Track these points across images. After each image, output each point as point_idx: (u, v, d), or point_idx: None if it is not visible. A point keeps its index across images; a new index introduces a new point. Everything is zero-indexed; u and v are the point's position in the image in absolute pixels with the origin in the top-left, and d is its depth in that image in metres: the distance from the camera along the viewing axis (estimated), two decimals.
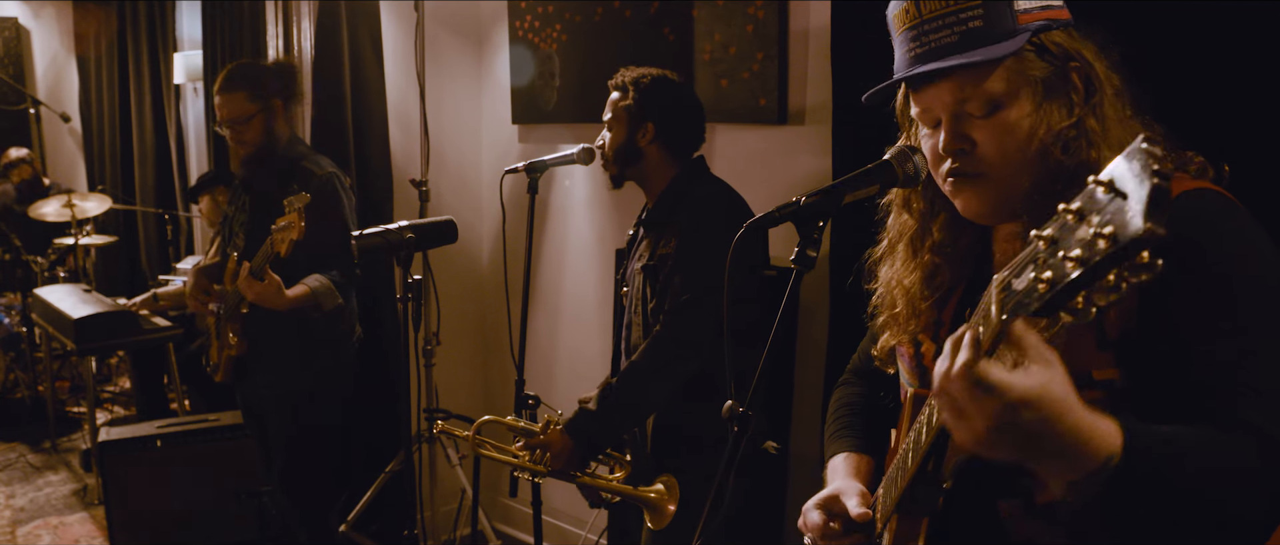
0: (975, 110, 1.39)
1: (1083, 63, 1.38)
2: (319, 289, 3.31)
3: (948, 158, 1.42)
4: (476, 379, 4.86)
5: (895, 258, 1.63)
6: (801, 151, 3.48)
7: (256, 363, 3.56)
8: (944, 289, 1.56)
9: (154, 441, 4.35)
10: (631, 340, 2.93)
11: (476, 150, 4.70)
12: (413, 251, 2.35)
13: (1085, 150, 1.35)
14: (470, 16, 4.57)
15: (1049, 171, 1.36)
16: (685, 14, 3.75)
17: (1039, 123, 1.37)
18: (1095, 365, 1.30)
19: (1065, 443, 1.10)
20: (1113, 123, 1.37)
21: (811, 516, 1.61)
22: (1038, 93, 1.37)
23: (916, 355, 1.60)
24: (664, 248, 2.84)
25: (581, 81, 4.16)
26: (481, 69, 4.66)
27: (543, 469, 2.80)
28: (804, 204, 1.39)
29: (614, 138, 2.92)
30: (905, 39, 1.45)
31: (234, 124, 3.43)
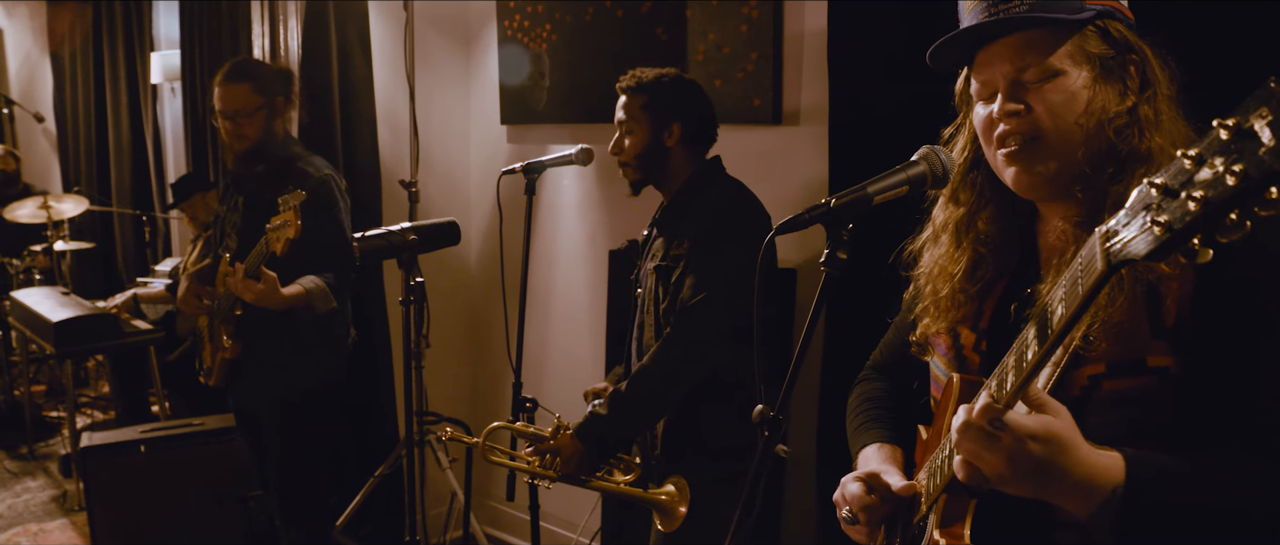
0: (1033, 77, 1.41)
1: (1142, 56, 1.42)
2: (314, 291, 3.27)
3: (1002, 122, 1.44)
4: (465, 381, 4.82)
5: (939, 246, 1.63)
6: (796, 152, 3.47)
7: (251, 366, 3.51)
8: (986, 281, 1.57)
9: (138, 447, 4.27)
10: (644, 341, 2.90)
11: (464, 151, 4.67)
12: (417, 253, 2.32)
13: (1137, 137, 1.37)
14: (458, 16, 4.53)
15: (1100, 153, 1.39)
16: (678, 14, 3.74)
17: (1094, 99, 1.39)
18: (1150, 352, 1.32)
19: (1074, 475, 1.23)
20: (1167, 117, 1.40)
21: (851, 488, 1.62)
22: (1095, 70, 1.40)
23: (955, 345, 1.60)
24: (677, 248, 2.81)
25: (572, 82, 4.14)
26: (469, 69, 4.63)
27: (553, 474, 2.77)
28: (835, 206, 1.37)
29: (637, 141, 2.85)
30: (977, 11, 1.47)
31: (236, 116, 3.39)
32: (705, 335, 2.72)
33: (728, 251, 2.75)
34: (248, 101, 3.38)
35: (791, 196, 3.41)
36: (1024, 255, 1.56)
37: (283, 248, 2.91)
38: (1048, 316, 1.18)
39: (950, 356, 1.61)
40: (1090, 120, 1.39)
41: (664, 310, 2.82)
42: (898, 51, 3.05)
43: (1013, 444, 1.22)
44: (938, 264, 1.62)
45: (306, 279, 3.29)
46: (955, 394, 1.50)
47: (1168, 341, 1.31)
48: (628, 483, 2.83)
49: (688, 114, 2.86)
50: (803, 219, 1.39)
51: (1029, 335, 1.22)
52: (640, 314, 2.95)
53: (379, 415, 4.33)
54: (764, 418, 1.39)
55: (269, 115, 3.43)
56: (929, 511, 1.52)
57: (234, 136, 3.41)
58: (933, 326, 1.63)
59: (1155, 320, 1.32)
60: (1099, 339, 1.33)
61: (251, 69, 3.51)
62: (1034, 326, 1.21)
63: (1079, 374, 1.36)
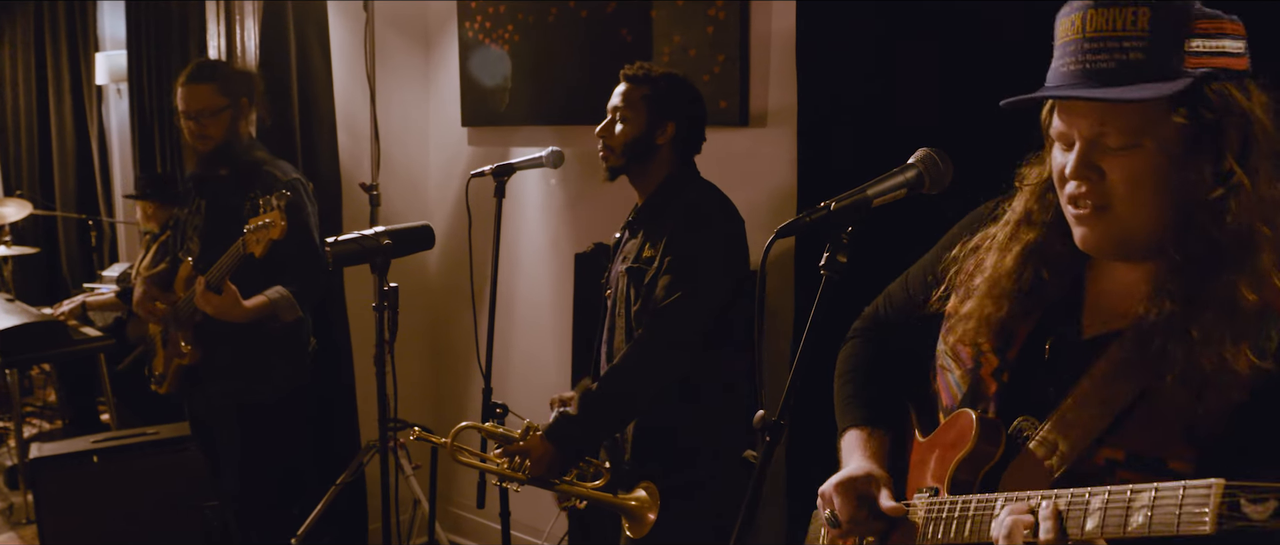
0: (1113, 143, 1.32)
1: (1242, 118, 1.29)
2: (279, 301, 3.21)
3: (1073, 181, 1.37)
4: (427, 387, 4.76)
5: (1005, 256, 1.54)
6: (764, 154, 3.46)
7: (210, 373, 3.43)
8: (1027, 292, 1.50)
9: (90, 457, 4.17)
10: (614, 343, 2.88)
11: (423, 153, 4.61)
12: (390, 258, 2.27)
13: (1237, 219, 1.29)
14: (417, 16, 4.47)
15: (1193, 235, 1.31)
16: (643, 15, 3.71)
17: (1175, 175, 1.30)
18: (1174, 457, 1.29)
19: None
20: (1266, 187, 1.30)
21: (841, 498, 1.61)
22: (1181, 145, 1.29)
23: (975, 362, 1.56)
24: (650, 250, 2.79)
25: (536, 83, 4.10)
26: (429, 70, 4.57)
27: (522, 476, 2.74)
28: (835, 209, 1.36)
29: (629, 129, 2.82)
30: (1065, 51, 1.37)
31: (201, 116, 3.32)
32: (679, 336, 2.71)
33: (703, 254, 2.74)
34: (212, 102, 3.32)
35: (759, 199, 3.40)
36: (1069, 291, 1.50)
37: (263, 249, 2.84)
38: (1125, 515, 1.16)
39: (967, 371, 1.57)
40: (1169, 196, 1.30)
41: (636, 312, 2.80)
42: (868, 52, 3.05)
43: None
44: (998, 281, 1.53)
45: (272, 290, 3.23)
46: (972, 439, 1.47)
47: (1196, 449, 1.27)
48: (597, 487, 2.79)
49: (684, 118, 2.85)
50: (802, 222, 1.36)
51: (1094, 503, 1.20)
52: (610, 317, 2.93)
53: (339, 422, 4.25)
54: (766, 422, 1.37)
55: (234, 116, 3.37)
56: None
57: (197, 137, 3.34)
58: (960, 339, 1.59)
59: (1188, 425, 1.28)
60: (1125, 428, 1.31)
61: (216, 69, 3.46)
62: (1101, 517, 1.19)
63: (1098, 454, 1.35)
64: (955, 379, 1.61)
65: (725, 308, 2.80)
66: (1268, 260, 1.28)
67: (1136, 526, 1.12)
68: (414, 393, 4.67)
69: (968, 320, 1.56)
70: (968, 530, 1.39)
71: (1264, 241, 1.28)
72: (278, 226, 2.83)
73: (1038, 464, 1.38)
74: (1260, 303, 1.26)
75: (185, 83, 3.35)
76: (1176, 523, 1.07)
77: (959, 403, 1.58)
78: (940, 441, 1.57)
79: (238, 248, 2.99)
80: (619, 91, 2.87)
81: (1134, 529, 1.13)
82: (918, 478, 1.62)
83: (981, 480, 1.47)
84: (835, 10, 3.10)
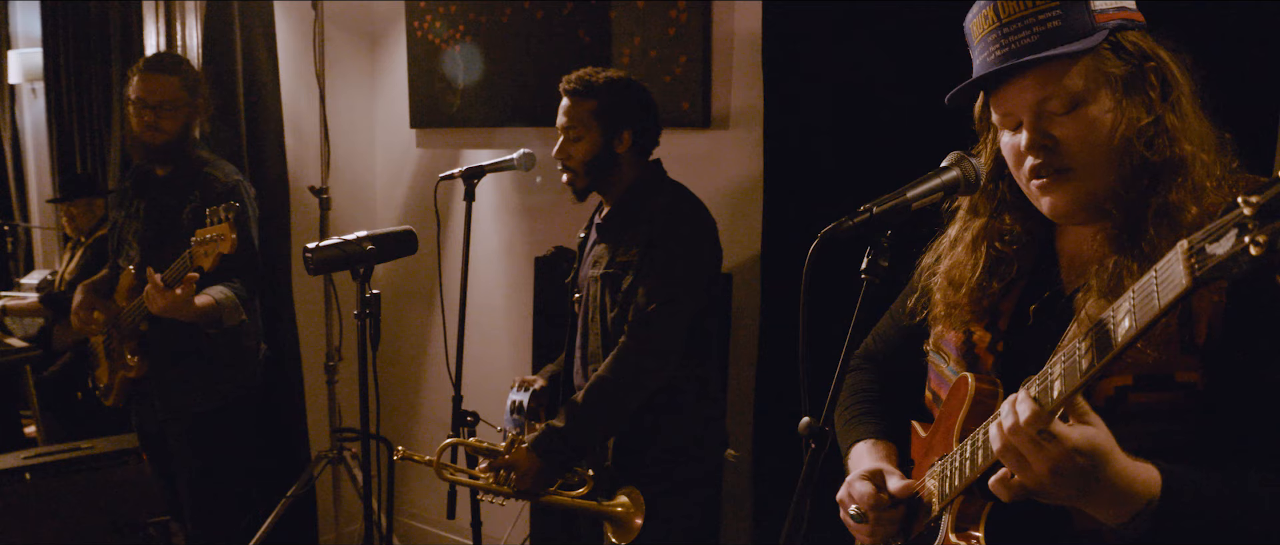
0: (1057, 108, 1.41)
1: (1159, 62, 1.41)
2: (224, 302, 3.10)
3: (1030, 155, 1.43)
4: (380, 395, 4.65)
5: (954, 254, 1.62)
6: (726, 156, 3.46)
7: (156, 383, 3.30)
8: (1005, 281, 1.57)
9: (21, 475, 3.97)
10: (589, 350, 2.84)
11: (370, 155, 4.51)
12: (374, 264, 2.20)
13: (1168, 146, 1.38)
14: (363, 15, 4.37)
15: (1133, 168, 1.39)
16: (602, 15, 3.68)
17: (1120, 119, 1.39)
18: (1179, 367, 1.33)
19: (1114, 486, 1.25)
20: (1192, 119, 1.40)
21: (858, 487, 1.63)
22: (1117, 89, 1.40)
23: (967, 342, 1.59)
24: (624, 255, 2.75)
25: (489, 85, 4.03)
26: (375, 70, 4.47)
27: (509, 490, 2.68)
28: (877, 213, 1.35)
29: (587, 147, 2.75)
30: (985, 45, 1.47)
31: (160, 108, 3.20)
32: (665, 343, 2.69)
33: (681, 259, 2.72)
34: (175, 95, 3.22)
35: (722, 201, 3.39)
36: (1040, 258, 1.57)
37: (213, 262, 2.74)
38: (1109, 329, 1.17)
39: (961, 354, 1.60)
40: (1117, 140, 1.39)
41: (613, 319, 2.76)
42: (835, 52, 3.06)
43: (1059, 454, 1.23)
44: (953, 272, 1.61)
45: (215, 289, 3.12)
46: (970, 396, 1.49)
47: (1197, 357, 1.32)
48: (580, 496, 2.76)
49: (639, 121, 2.79)
50: (842, 227, 1.35)
51: (1081, 346, 1.21)
52: (583, 322, 2.89)
53: (287, 432, 4.14)
54: (811, 429, 1.35)
55: (190, 113, 3.27)
56: (943, 513, 1.52)
57: (150, 128, 3.21)
58: (946, 331, 1.63)
59: (1186, 336, 1.33)
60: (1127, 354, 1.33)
61: (179, 62, 3.34)
62: (1091, 338, 1.20)
63: (1105, 384, 1.37)
64: (950, 367, 1.63)
65: (702, 313, 2.79)
66: (1201, 177, 1.37)
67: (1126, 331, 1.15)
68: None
69: (939, 310, 1.63)
70: (980, 458, 1.40)
71: (1194, 161, 1.37)
72: (228, 240, 2.74)
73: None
74: (1200, 214, 1.34)
75: (145, 71, 3.23)
76: (1156, 302, 1.10)
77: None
78: (942, 418, 1.58)
79: (185, 261, 2.88)
80: (563, 109, 2.76)
81: (1125, 335, 1.15)
82: (923, 468, 1.63)
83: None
84: (802, 10, 3.10)
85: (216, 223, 2.73)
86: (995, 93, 1.48)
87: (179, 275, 2.88)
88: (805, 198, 3.17)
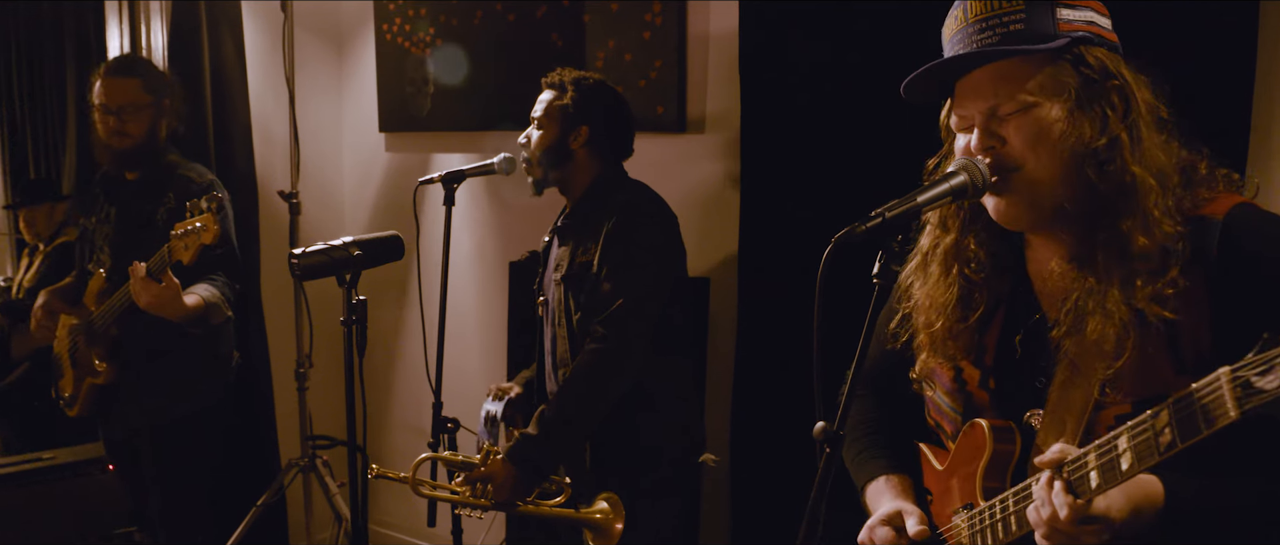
0: (1007, 109, 1.43)
1: (1122, 82, 1.41)
2: (211, 300, 3.04)
3: (980, 153, 1.44)
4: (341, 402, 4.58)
5: (928, 275, 1.62)
6: (702, 159, 3.46)
7: (127, 391, 3.23)
8: (981, 309, 1.56)
9: None
10: (558, 354, 2.82)
11: (337, 159, 4.46)
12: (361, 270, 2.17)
13: (1120, 171, 1.38)
14: (330, 18, 4.32)
15: (1085, 188, 1.40)
16: (576, 18, 3.67)
17: (1070, 130, 1.39)
18: (1172, 388, 1.31)
19: (1139, 519, 1.32)
20: (1150, 145, 1.40)
21: (880, 532, 1.62)
22: (1069, 100, 1.40)
23: (957, 380, 1.60)
24: (583, 256, 2.75)
25: (459, 88, 4.00)
26: (342, 73, 4.42)
27: (486, 502, 2.66)
28: (889, 217, 1.34)
29: (544, 137, 2.80)
30: (953, 43, 1.49)
31: (123, 112, 3.13)
32: (627, 342, 2.67)
33: (641, 256, 2.71)
34: (137, 97, 3.16)
35: (698, 205, 3.40)
36: (1016, 282, 1.57)
37: (193, 255, 2.68)
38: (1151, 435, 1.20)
39: (954, 391, 1.61)
40: (1066, 152, 1.39)
41: (578, 322, 2.75)
42: (812, 54, 3.07)
43: (1103, 529, 1.30)
44: (929, 295, 1.61)
45: (202, 288, 3.05)
46: (988, 452, 1.50)
47: (1192, 376, 1.30)
48: (558, 505, 2.74)
49: (598, 118, 2.81)
50: (855, 233, 1.35)
51: (1121, 444, 1.24)
52: (551, 327, 2.87)
53: (257, 441, 4.08)
54: (827, 433, 1.35)
55: (156, 115, 3.21)
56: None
57: (116, 134, 3.15)
58: (931, 361, 1.63)
59: (1177, 359, 1.36)
60: (1120, 385, 1.38)
61: (140, 65, 3.30)
62: (1129, 439, 1.23)
63: (1105, 415, 1.39)
64: (946, 403, 1.63)
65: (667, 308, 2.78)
66: (1154, 206, 1.37)
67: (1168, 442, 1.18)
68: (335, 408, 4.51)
69: (923, 338, 1.63)
70: (1015, 525, 1.42)
71: (1148, 190, 1.38)
72: (210, 231, 2.68)
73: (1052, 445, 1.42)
74: (1148, 245, 1.36)
75: (107, 76, 3.17)
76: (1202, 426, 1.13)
77: (960, 424, 1.60)
78: (959, 461, 1.58)
79: (164, 254, 2.82)
80: (540, 99, 2.86)
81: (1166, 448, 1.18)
82: (945, 505, 1.63)
83: (1010, 479, 1.49)
84: (780, 13, 3.10)
85: (197, 214, 2.68)
86: (955, 93, 1.51)
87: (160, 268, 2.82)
88: (783, 201, 3.18)
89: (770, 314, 3.26)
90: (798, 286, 3.18)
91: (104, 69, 3.22)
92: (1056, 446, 1.33)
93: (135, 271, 2.88)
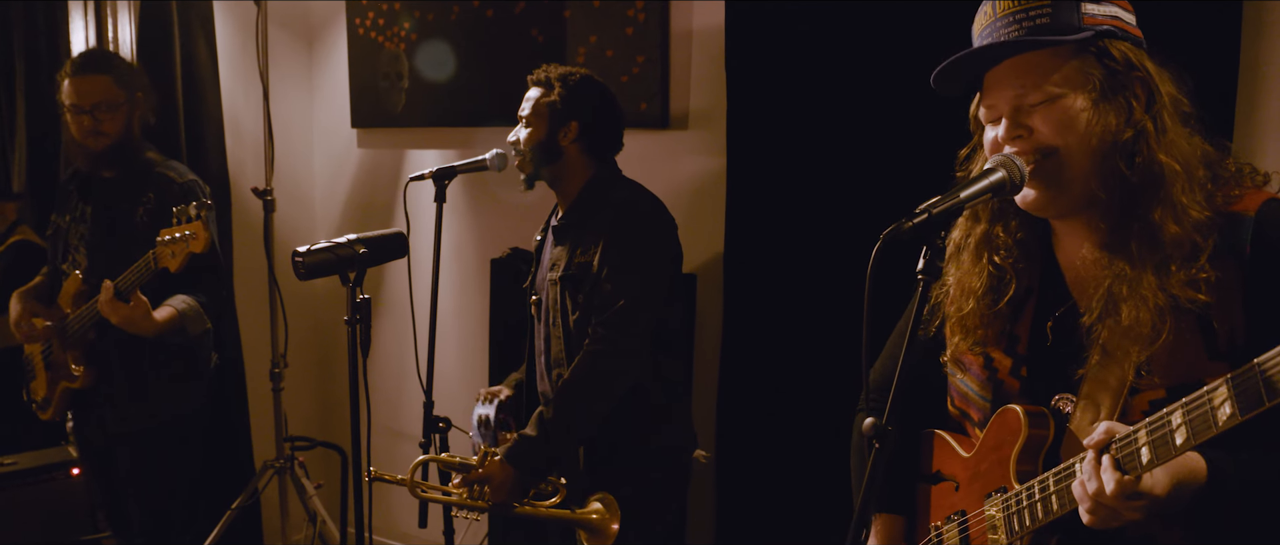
0: (1034, 99, 1.46)
1: (1145, 73, 1.46)
2: (187, 313, 2.98)
3: (1007, 143, 1.48)
4: (320, 400, 4.54)
5: (960, 263, 1.65)
6: (686, 155, 3.46)
7: (106, 396, 3.15)
8: (1010, 296, 1.59)
9: None
10: (552, 354, 2.81)
11: (308, 155, 4.40)
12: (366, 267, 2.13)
13: (1148, 160, 1.42)
14: (299, 13, 4.26)
15: (1113, 177, 1.45)
16: (556, 14, 3.64)
17: (1095, 121, 1.44)
18: (1208, 373, 1.37)
19: (1181, 494, 1.35)
20: (1175, 135, 1.44)
21: None
22: (1094, 92, 1.44)
23: (988, 368, 1.62)
24: (582, 256, 2.73)
25: (436, 83, 3.96)
26: (313, 69, 4.36)
27: (484, 504, 2.64)
28: (935, 213, 1.36)
29: (533, 134, 2.78)
30: (981, 38, 1.53)
31: (97, 110, 3.04)
32: (629, 342, 2.67)
33: (642, 257, 2.71)
34: (110, 94, 3.06)
35: (682, 202, 3.39)
36: (1045, 271, 1.60)
37: (181, 262, 2.63)
38: (1209, 410, 1.23)
39: (984, 379, 1.63)
40: (1094, 140, 1.44)
41: (576, 322, 2.74)
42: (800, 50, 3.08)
43: (1149, 504, 1.33)
44: (960, 282, 1.65)
45: (177, 300, 3.00)
46: (1023, 437, 1.53)
47: (1226, 362, 1.38)
48: (553, 506, 2.72)
49: (587, 114, 2.80)
50: (903, 228, 1.36)
51: (1174, 420, 1.27)
52: (545, 327, 2.86)
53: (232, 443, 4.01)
54: (877, 429, 1.36)
55: (131, 111, 3.12)
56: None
57: (91, 134, 3.06)
58: (963, 346, 1.65)
59: (1210, 344, 1.39)
60: (1153, 371, 1.41)
61: (110, 60, 3.19)
62: (1183, 414, 1.27)
63: (1140, 399, 1.43)
64: (975, 390, 1.66)
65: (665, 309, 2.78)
66: (1182, 194, 1.42)
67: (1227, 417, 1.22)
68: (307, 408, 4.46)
69: (954, 329, 1.66)
70: (1056, 504, 1.45)
71: (1176, 178, 1.42)
72: (200, 239, 2.64)
73: (1088, 430, 1.45)
74: (1181, 233, 1.40)
75: (76, 74, 3.07)
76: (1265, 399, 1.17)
77: (989, 412, 1.62)
78: (989, 446, 1.60)
79: (148, 261, 2.76)
80: (527, 97, 2.84)
81: (1226, 421, 1.22)
82: (970, 490, 1.65)
83: (1042, 464, 1.52)
84: (766, 8, 3.11)
85: (185, 221, 2.62)
86: (983, 84, 1.54)
87: (140, 277, 2.76)
88: (770, 197, 3.18)
89: (756, 311, 3.27)
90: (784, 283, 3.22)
91: (72, 67, 3.11)
92: (1104, 424, 1.37)
93: (105, 291, 2.82)
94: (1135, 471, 1.31)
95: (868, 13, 2.93)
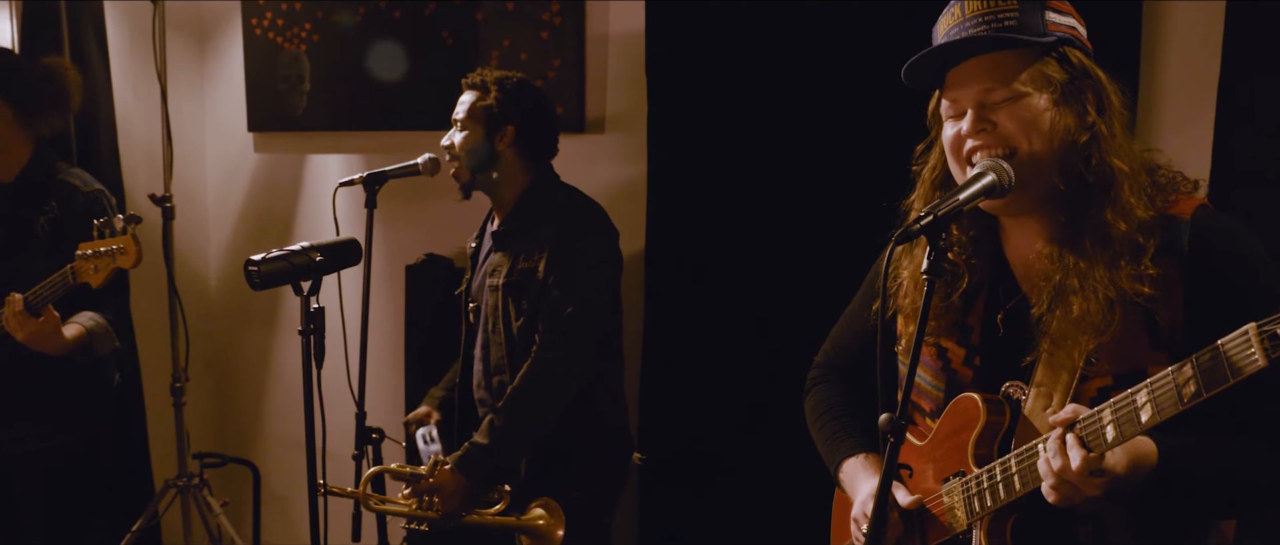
0: (1000, 97, 1.54)
1: (1097, 81, 1.56)
2: (96, 330, 2.84)
3: (970, 137, 1.56)
4: (215, 417, 4.36)
5: (914, 257, 1.72)
6: (603, 160, 3.46)
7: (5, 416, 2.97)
8: (962, 290, 1.67)
9: None
10: (492, 360, 2.79)
11: (199, 160, 4.22)
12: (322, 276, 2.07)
13: (1102, 162, 1.52)
14: (190, 12, 4.08)
15: (1071, 177, 1.53)
16: (468, 17, 3.60)
17: (1057, 121, 1.52)
18: (1151, 363, 1.48)
19: (1137, 474, 1.44)
20: (1123, 140, 1.55)
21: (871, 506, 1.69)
22: (1055, 93, 1.53)
23: (941, 358, 1.70)
24: (526, 262, 2.73)
25: (345, 87, 3.86)
26: (204, 70, 4.19)
27: (434, 514, 2.60)
28: (941, 215, 1.42)
29: (469, 138, 2.77)
30: (946, 38, 1.59)
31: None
32: (579, 349, 2.70)
33: (589, 265, 2.73)
34: None
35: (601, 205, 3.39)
36: (995, 266, 1.68)
37: (105, 278, 2.51)
38: (1175, 388, 1.32)
39: (938, 369, 1.71)
40: (1055, 141, 1.52)
41: (519, 329, 2.73)
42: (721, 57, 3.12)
43: (1110, 483, 1.41)
44: (914, 277, 1.72)
45: (84, 317, 2.86)
46: (981, 422, 1.60)
47: (1167, 352, 1.48)
48: (498, 513, 2.70)
49: (525, 117, 2.80)
50: (910, 232, 1.43)
51: (1139, 399, 1.36)
52: (484, 333, 2.84)
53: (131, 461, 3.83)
54: (893, 424, 1.41)
55: None
56: (971, 527, 1.62)
57: None
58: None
59: (1153, 336, 1.50)
60: (1102, 359, 1.51)
61: None
62: (1148, 393, 1.35)
63: (1089, 387, 1.52)
64: (928, 381, 1.74)
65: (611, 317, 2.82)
66: (1130, 196, 1.52)
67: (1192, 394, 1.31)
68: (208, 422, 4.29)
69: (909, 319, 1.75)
70: (1018, 484, 1.52)
71: (1125, 180, 1.52)
72: (130, 255, 2.52)
73: (1041, 416, 1.55)
74: (1130, 231, 1.50)
75: None
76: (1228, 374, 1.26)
77: (943, 402, 1.70)
78: (946, 432, 1.67)
79: (65, 276, 2.62)
80: (461, 101, 2.83)
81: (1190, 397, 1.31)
82: (924, 477, 1.71)
83: (997, 449, 1.60)
84: (686, 11, 3.14)
85: (110, 235, 2.50)
86: (945, 81, 1.60)
87: (55, 292, 2.61)
88: (692, 199, 3.22)
89: (675, 311, 3.30)
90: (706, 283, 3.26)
91: None
92: (1069, 406, 1.45)
93: (12, 304, 2.67)
94: (1100, 449, 1.39)
95: (790, 14, 2.99)
